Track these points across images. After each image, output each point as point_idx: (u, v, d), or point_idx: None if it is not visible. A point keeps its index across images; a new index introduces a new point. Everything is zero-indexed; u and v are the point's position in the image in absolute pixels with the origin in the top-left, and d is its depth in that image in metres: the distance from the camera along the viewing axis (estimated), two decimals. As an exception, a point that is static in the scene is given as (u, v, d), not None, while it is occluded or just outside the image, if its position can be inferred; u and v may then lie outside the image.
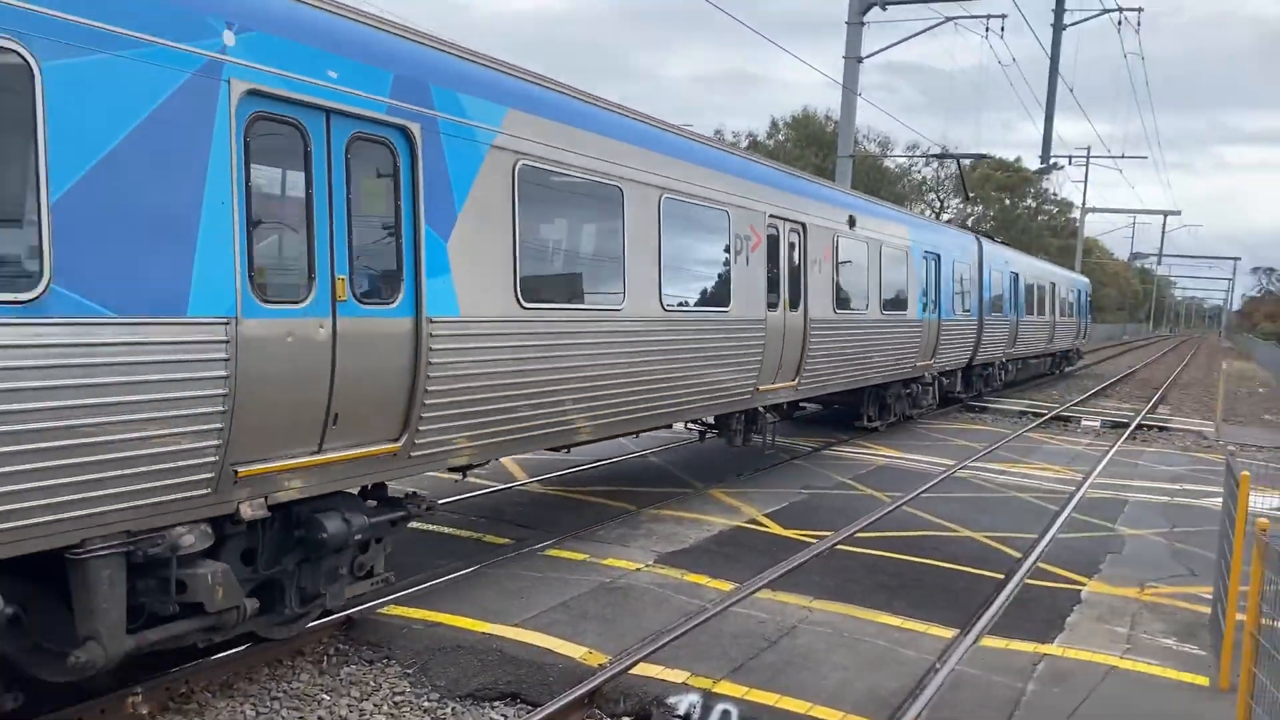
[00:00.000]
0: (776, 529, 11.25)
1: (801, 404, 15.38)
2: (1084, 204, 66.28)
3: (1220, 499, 10.79)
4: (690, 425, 14.14)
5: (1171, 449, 20.26)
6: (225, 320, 5.67)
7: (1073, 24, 29.66)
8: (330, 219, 6.37)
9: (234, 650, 6.91)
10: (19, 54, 4.71)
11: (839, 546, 10.60)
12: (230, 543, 6.22)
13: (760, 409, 13.40)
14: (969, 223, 68.20)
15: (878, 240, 16.88)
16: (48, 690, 5.82)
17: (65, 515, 5.08)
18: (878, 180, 63.65)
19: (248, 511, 6.09)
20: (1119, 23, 32.20)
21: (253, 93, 5.85)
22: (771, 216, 12.89)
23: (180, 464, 5.59)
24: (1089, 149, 61.60)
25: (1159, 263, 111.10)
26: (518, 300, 8.08)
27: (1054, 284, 34.86)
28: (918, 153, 65.65)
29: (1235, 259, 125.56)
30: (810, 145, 63.43)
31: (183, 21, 5.48)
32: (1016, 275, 28.42)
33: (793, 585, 9.11)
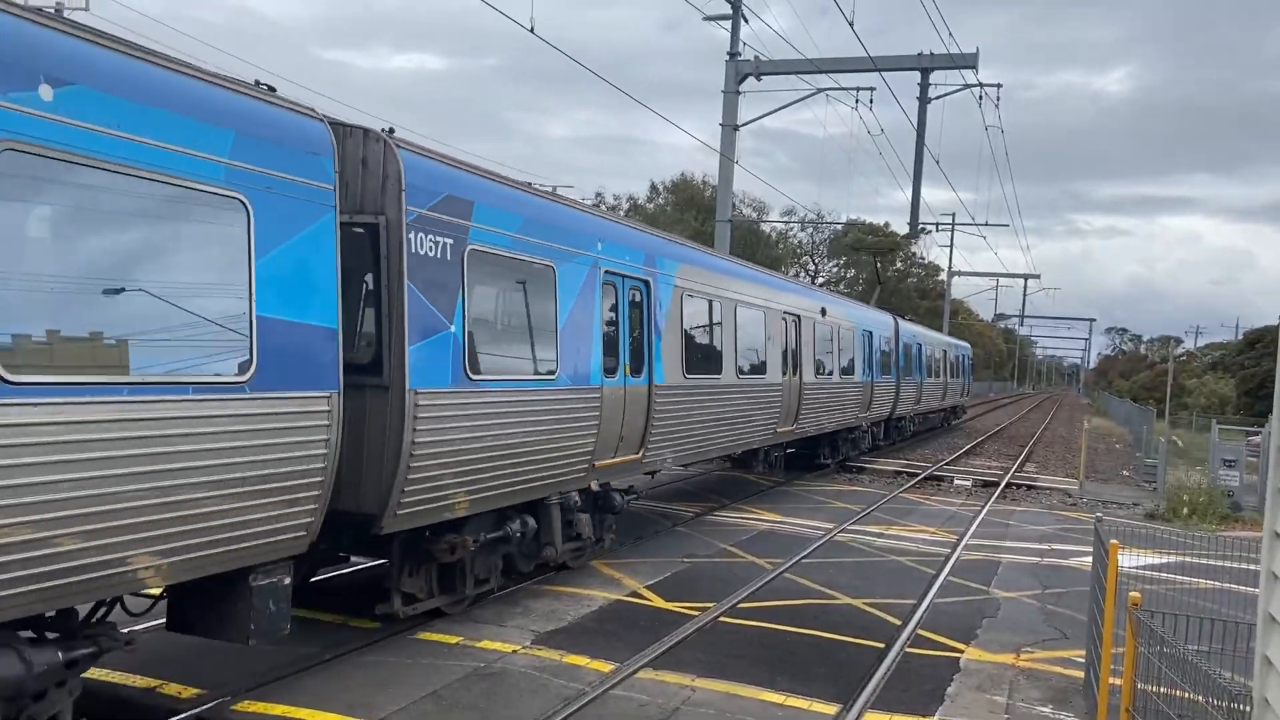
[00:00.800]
0: (659, 602, 11.02)
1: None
2: (950, 268, 68.95)
3: (1088, 559, 11.04)
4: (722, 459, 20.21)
5: (1039, 508, 20.88)
6: (599, 388, 11.25)
7: (937, 97, 30.95)
8: (624, 331, 12.06)
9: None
10: (551, 266, 10.36)
11: (721, 619, 10.42)
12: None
13: (776, 445, 20.06)
14: (841, 286, 70.17)
15: (837, 323, 22.84)
16: None
17: (550, 481, 10.39)
18: (754, 244, 65.01)
19: (594, 486, 11.57)
20: (980, 97, 33.75)
21: (606, 271, 11.58)
22: (784, 312, 18.80)
23: (581, 456, 10.97)
24: (954, 215, 64.19)
25: (1021, 323, 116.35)
26: (684, 373, 13.74)
27: (945, 351, 40.46)
28: (794, 218, 67.47)
29: (1091, 319, 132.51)
30: (689, 209, 64.47)
31: (589, 244, 11.23)
32: (920, 345, 33.66)
33: (675, 663, 8.87)
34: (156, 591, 6.79)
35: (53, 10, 5.89)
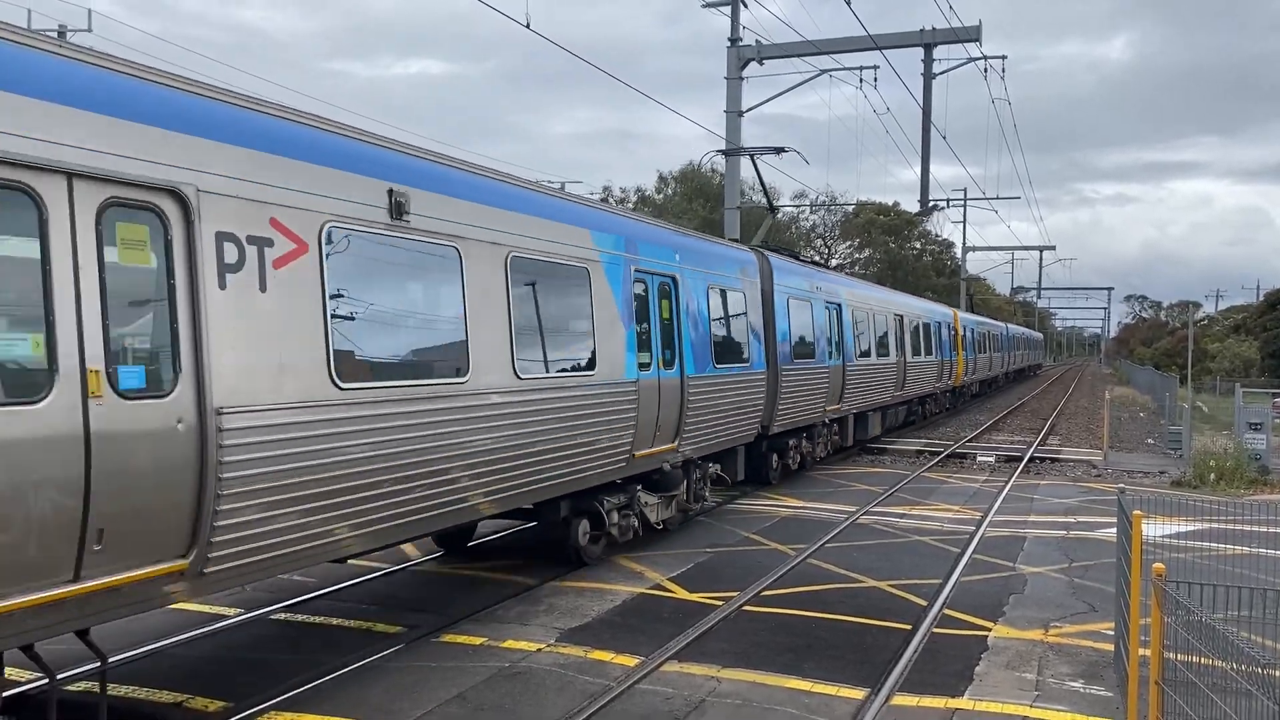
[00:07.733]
0: (682, 593, 10.97)
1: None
2: (964, 243, 68.61)
3: (1114, 531, 10.91)
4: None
5: (1064, 480, 20.71)
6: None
7: (941, 73, 30.71)
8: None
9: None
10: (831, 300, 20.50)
11: (746, 608, 10.37)
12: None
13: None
14: (857, 268, 69.82)
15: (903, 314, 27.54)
16: None
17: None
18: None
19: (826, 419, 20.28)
20: (985, 70, 33.46)
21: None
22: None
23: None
24: (965, 191, 63.83)
25: (1039, 296, 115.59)
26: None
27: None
28: (804, 201, 67.14)
29: (1109, 289, 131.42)
30: (697, 198, 64.24)
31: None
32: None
33: (700, 654, 8.82)
34: None
35: (55, 32, 5.68)
